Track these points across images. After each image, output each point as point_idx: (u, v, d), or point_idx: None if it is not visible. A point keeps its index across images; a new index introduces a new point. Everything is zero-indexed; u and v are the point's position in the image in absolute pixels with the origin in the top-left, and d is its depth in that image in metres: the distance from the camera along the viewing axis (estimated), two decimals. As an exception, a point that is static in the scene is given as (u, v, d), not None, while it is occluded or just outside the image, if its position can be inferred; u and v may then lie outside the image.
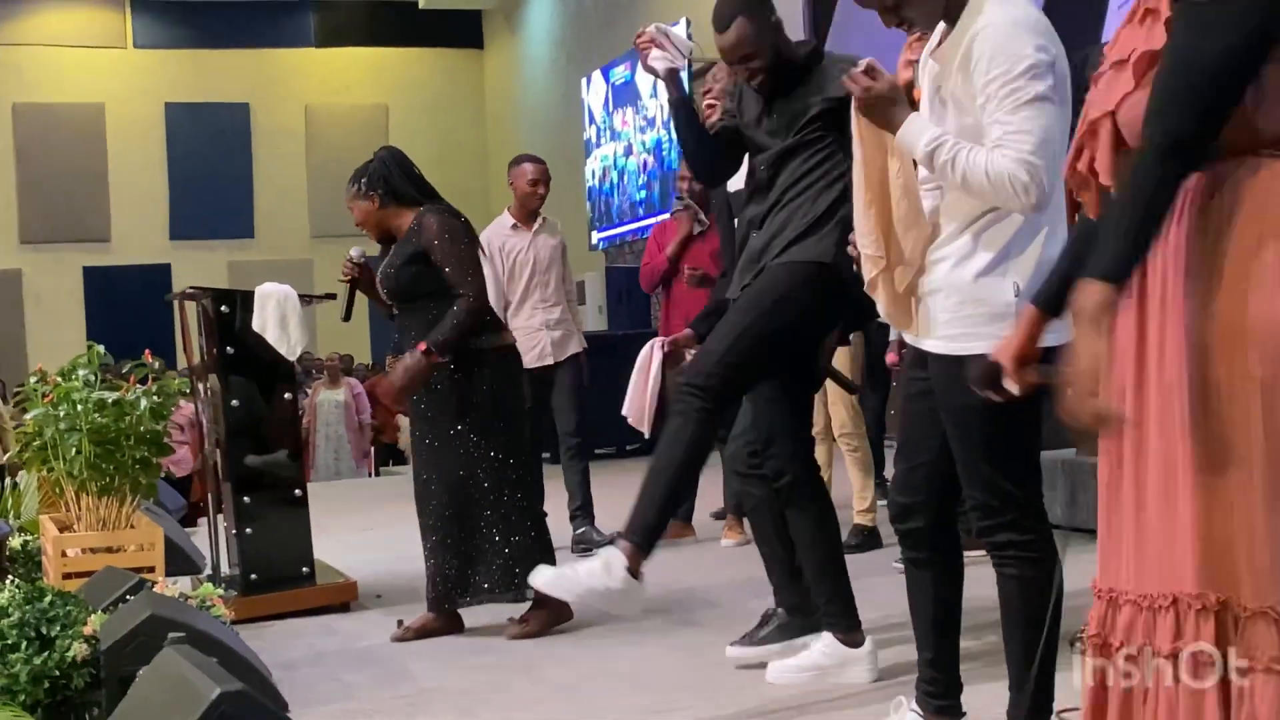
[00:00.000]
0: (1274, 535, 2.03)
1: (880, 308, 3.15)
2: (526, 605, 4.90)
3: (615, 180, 16.43)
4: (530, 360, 6.36)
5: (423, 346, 4.73)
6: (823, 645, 3.94)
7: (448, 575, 4.84)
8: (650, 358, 4.98)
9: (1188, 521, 2.09)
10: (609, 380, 10.90)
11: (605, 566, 3.48)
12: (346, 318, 5.17)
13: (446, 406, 4.83)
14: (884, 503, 5.04)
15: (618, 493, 8.51)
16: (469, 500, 4.83)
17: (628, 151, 16.07)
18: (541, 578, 3.57)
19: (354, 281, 5.12)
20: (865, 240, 3.09)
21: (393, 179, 4.97)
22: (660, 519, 3.67)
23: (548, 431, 7.08)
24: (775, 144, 3.86)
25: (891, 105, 2.93)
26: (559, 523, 5.83)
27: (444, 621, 4.91)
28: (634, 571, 3.52)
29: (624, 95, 16.07)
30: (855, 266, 3.26)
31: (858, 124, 3.03)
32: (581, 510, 6.85)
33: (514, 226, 6.93)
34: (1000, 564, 2.99)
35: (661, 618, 5.12)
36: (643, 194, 15.77)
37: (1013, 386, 2.41)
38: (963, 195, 2.91)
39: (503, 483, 4.84)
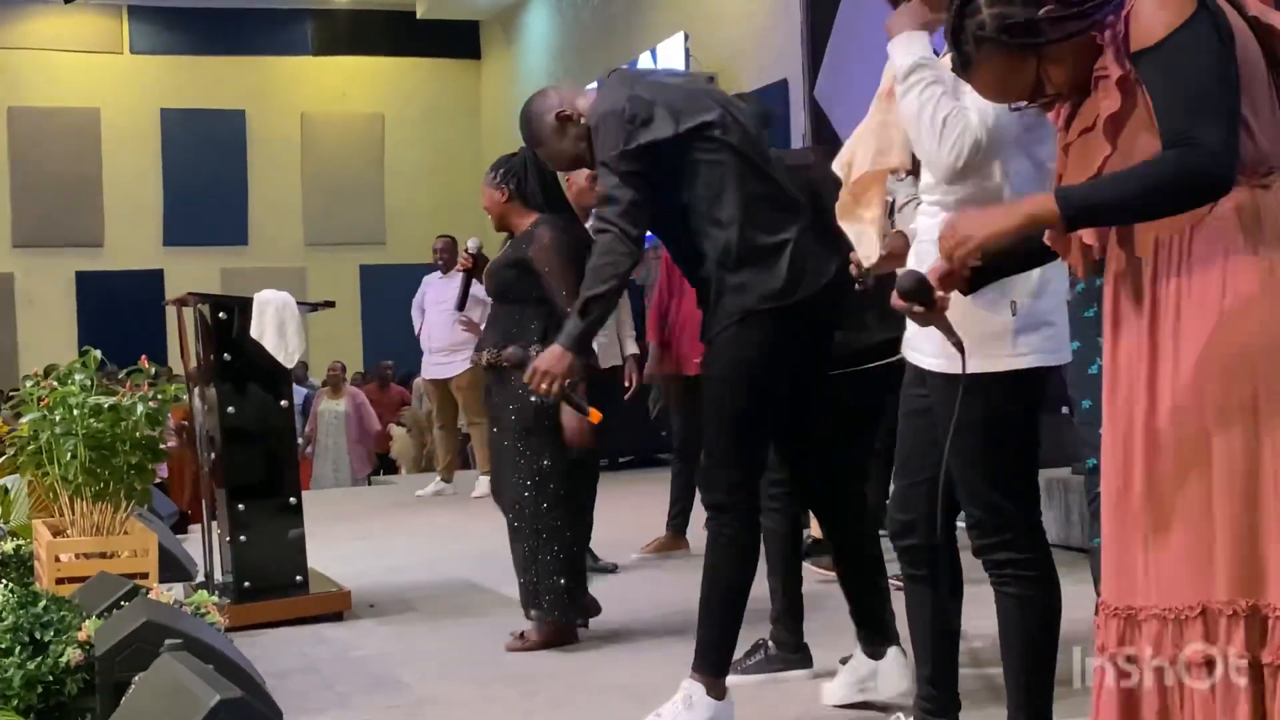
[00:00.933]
0: None
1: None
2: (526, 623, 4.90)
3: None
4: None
5: (597, 416, 4.71)
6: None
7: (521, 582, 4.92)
8: None
9: (1214, 533, 2.17)
10: (604, 395, 10.88)
11: (686, 700, 3.61)
12: (460, 306, 5.42)
13: (504, 412, 4.87)
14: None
15: (609, 507, 8.51)
16: (512, 509, 4.88)
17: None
18: None
19: (469, 271, 5.31)
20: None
21: (526, 180, 5.04)
22: (724, 638, 3.74)
23: None
24: None
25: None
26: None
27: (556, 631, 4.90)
28: (718, 695, 3.63)
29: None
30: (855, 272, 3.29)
31: None
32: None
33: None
34: (999, 583, 2.98)
35: (655, 631, 5.11)
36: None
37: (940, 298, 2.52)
38: None
39: (536, 499, 4.83)
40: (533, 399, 4.70)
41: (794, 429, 3.79)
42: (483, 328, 5.21)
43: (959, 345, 2.62)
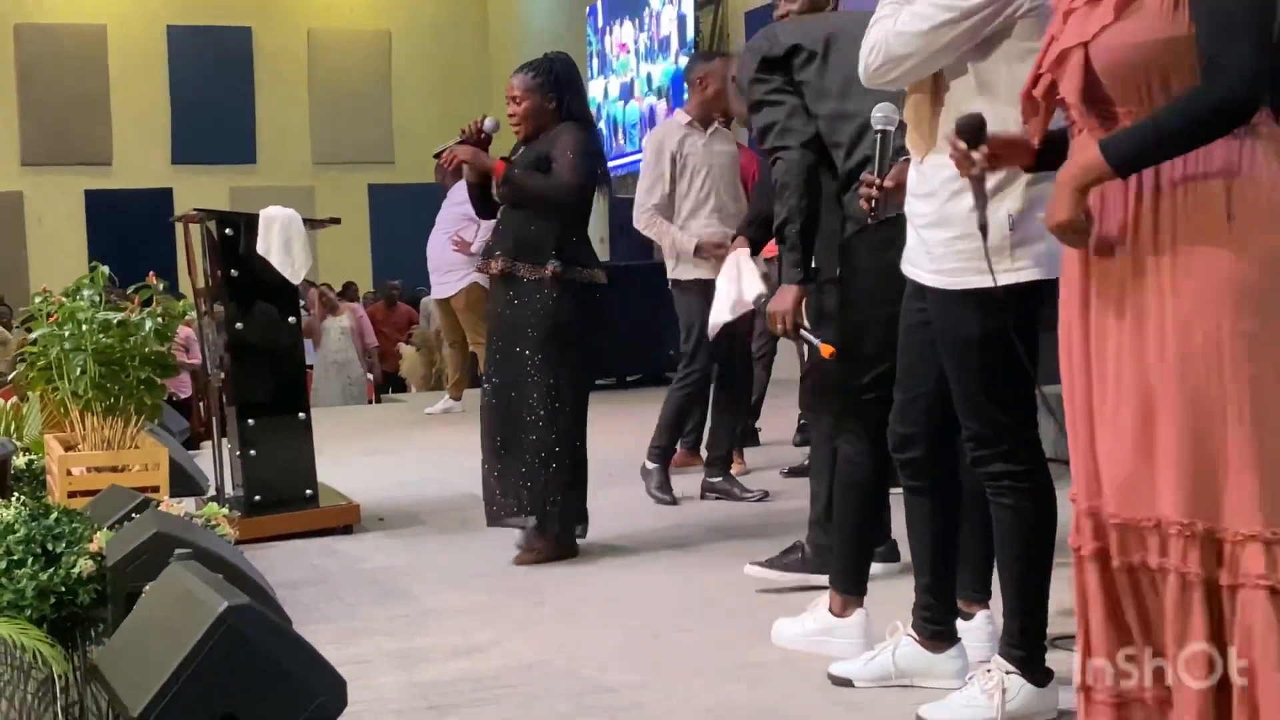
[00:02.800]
0: (1261, 467, 2.21)
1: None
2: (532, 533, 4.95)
3: (619, 110, 16.34)
4: (705, 273, 5.96)
5: (502, 166, 4.83)
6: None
7: (493, 493, 4.92)
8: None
9: (1173, 455, 2.25)
10: (610, 311, 10.90)
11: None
12: (437, 155, 5.18)
13: (520, 325, 4.86)
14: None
15: (622, 423, 8.56)
16: (520, 420, 4.85)
17: (630, 82, 15.97)
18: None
19: (469, 140, 5.02)
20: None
21: (573, 95, 4.99)
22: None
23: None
24: None
25: None
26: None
27: (561, 547, 4.94)
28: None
29: (626, 22, 15.95)
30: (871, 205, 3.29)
31: None
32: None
33: (689, 124, 6.34)
34: (995, 494, 3.02)
35: (659, 545, 5.17)
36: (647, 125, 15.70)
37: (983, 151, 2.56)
38: None
39: (553, 414, 4.85)
40: (560, 316, 4.80)
41: None
42: (483, 239, 5.17)
43: (982, 208, 2.66)
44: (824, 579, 4.07)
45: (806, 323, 3.75)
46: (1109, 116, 2.33)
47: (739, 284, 4.62)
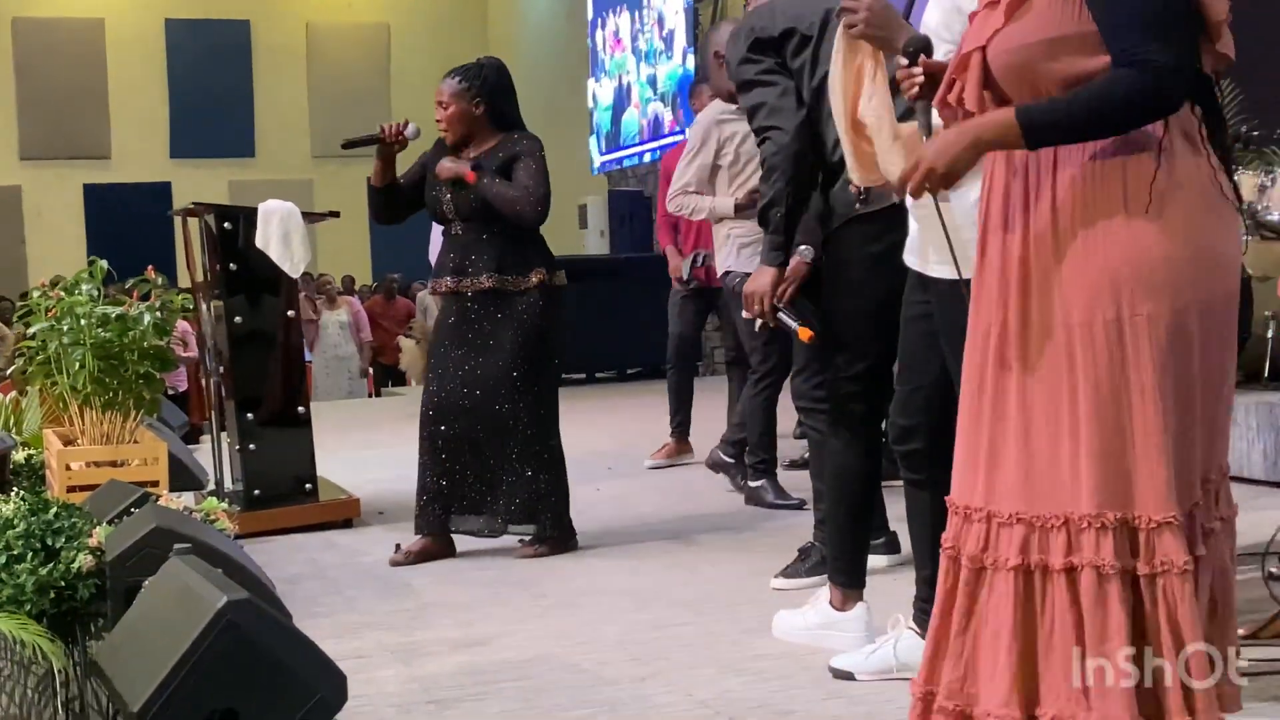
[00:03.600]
0: (1171, 454, 2.21)
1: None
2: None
3: (619, 103, 16.32)
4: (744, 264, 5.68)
5: (473, 175, 4.79)
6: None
7: (454, 499, 4.86)
8: None
9: (1083, 448, 2.24)
10: (610, 304, 10.93)
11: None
12: (346, 145, 5.09)
13: (502, 337, 4.82)
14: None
15: (622, 416, 8.55)
16: (502, 431, 4.82)
17: (627, 86, 15.94)
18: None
19: (383, 142, 4.95)
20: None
21: (504, 101, 4.96)
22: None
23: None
24: None
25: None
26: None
27: (441, 544, 4.93)
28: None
29: (623, 11, 15.92)
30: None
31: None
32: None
33: (727, 110, 5.89)
34: None
35: (660, 538, 5.16)
36: (647, 118, 15.68)
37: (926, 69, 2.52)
38: None
39: (536, 419, 4.84)
40: (540, 321, 4.77)
41: None
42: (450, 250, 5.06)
43: (926, 128, 2.60)
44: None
45: (786, 306, 3.71)
46: None
47: None
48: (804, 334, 3.62)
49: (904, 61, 2.61)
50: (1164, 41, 2.16)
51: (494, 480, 4.86)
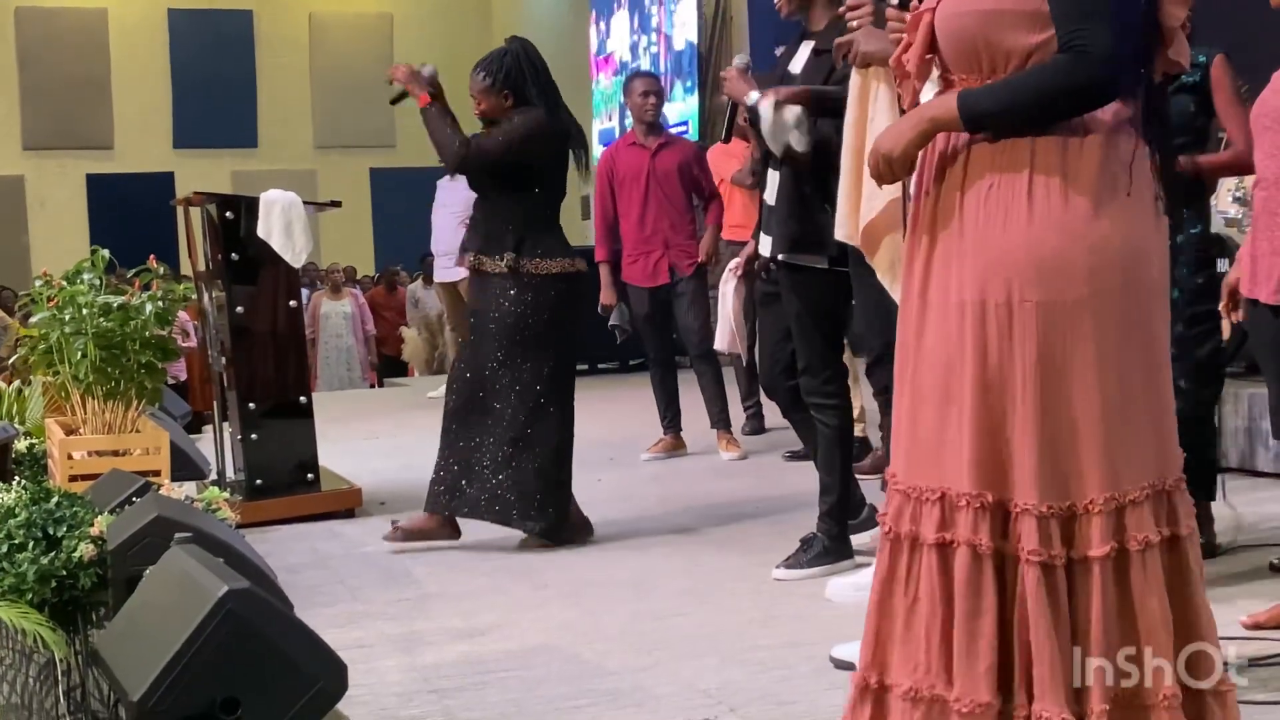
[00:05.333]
0: (1041, 442, 2.20)
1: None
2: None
3: (622, 97, 16.30)
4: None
5: (425, 100, 4.88)
6: None
7: (443, 478, 4.85)
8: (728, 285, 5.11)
9: (967, 428, 2.24)
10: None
11: None
12: (393, 102, 5.22)
13: (488, 319, 4.82)
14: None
15: (624, 407, 8.55)
16: (487, 413, 4.81)
17: (629, 69, 15.92)
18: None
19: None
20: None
21: (529, 85, 4.92)
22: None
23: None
24: None
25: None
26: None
27: (438, 524, 4.92)
28: None
29: (626, 18, 15.90)
30: None
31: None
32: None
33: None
34: None
35: (662, 529, 5.17)
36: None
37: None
38: None
39: (526, 409, 4.82)
40: (518, 309, 4.77)
41: None
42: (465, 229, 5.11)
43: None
44: (847, 564, 4.14)
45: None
46: (948, 83, 2.35)
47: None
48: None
49: (894, 1, 2.60)
50: (1104, 29, 2.16)
51: (476, 470, 4.83)
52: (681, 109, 14.06)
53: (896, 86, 2.53)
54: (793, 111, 3.96)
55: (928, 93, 2.43)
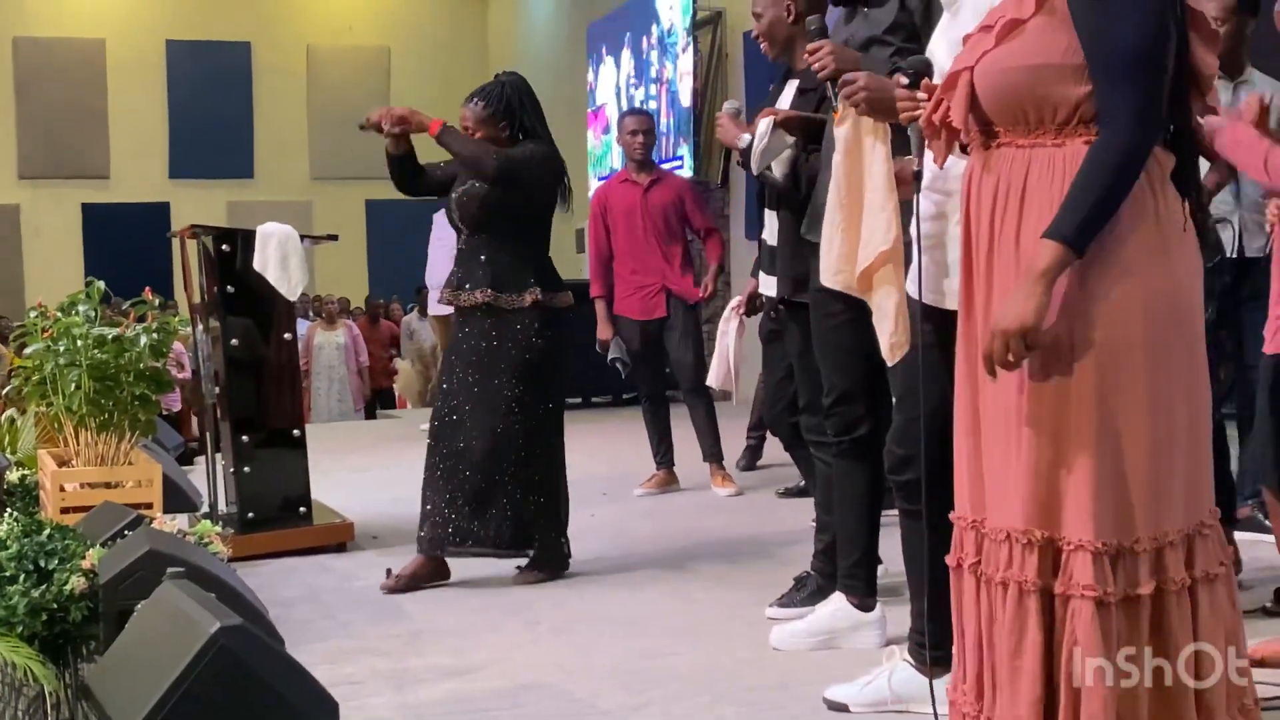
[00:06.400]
0: (1097, 480, 2.25)
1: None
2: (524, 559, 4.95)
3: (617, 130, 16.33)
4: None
5: (439, 122, 4.80)
6: (834, 608, 3.90)
7: (450, 519, 4.82)
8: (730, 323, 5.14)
9: (1021, 466, 2.31)
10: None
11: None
12: (363, 126, 5.10)
13: (500, 356, 4.80)
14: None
15: (617, 440, 8.54)
16: (499, 452, 4.79)
17: (625, 103, 15.96)
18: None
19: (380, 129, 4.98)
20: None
21: (528, 118, 4.93)
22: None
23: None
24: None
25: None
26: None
27: (434, 568, 4.90)
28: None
29: (621, 56, 15.96)
30: None
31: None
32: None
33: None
34: None
35: (655, 565, 5.15)
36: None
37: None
38: None
39: (535, 444, 4.83)
40: (536, 341, 4.76)
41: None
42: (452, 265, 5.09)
43: (920, 154, 2.70)
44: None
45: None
46: (991, 135, 2.39)
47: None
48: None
49: (904, 81, 2.63)
50: (1129, 98, 2.21)
51: (486, 504, 4.81)
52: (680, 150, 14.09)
53: (929, 143, 2.55)
54: (786, 140, 3.99)
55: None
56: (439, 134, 4.83)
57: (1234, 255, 4.65)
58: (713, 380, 5.81)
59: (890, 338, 3.18)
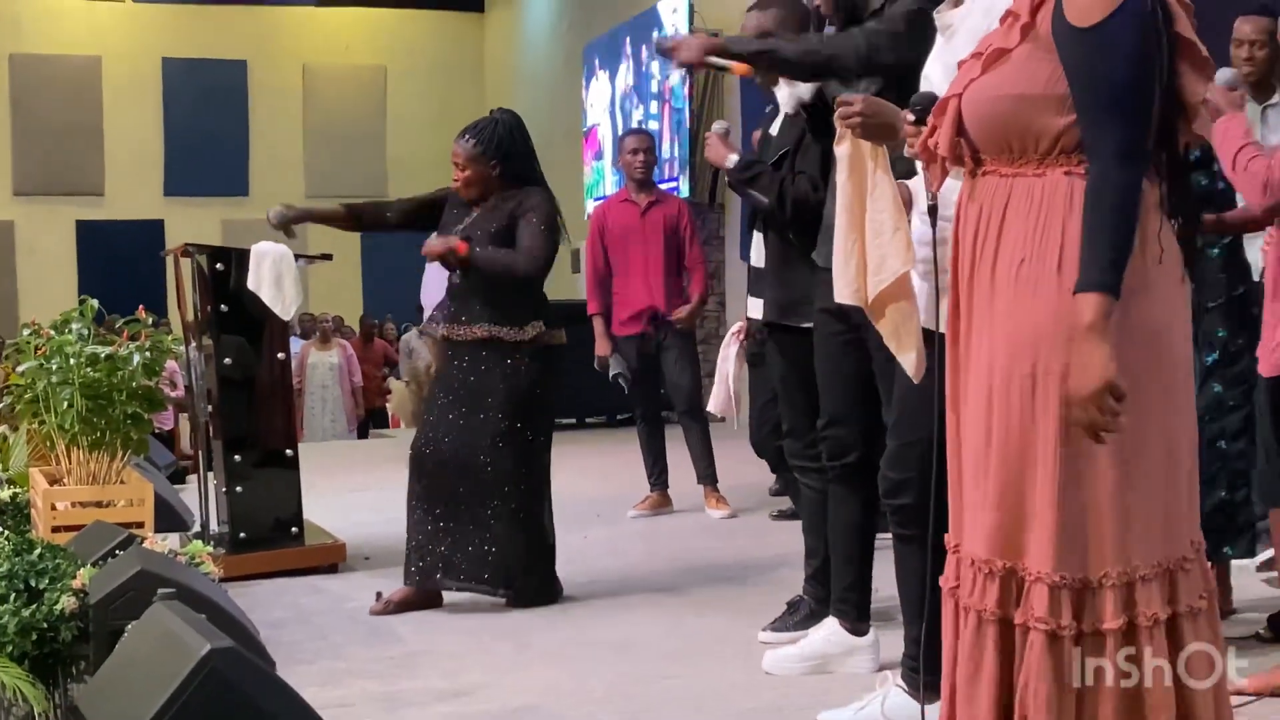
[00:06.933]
0: (1061, 512, 2.24)
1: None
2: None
3: (613, 150, 16.37)
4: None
5: (464, 246, 4.74)
6: (826, 633, 3.88)
7: (435, 552, 4.79)
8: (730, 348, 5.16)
9: (988, 495, 2.32)
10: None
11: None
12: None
13: (491, 390, 4.77)
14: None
15: (611, 462, 8.53)
16: (482, 486, 4.76)
17: (622, 122, 15.99)
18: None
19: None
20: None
21: (519, 158, 4.93)
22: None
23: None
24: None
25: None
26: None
27: (425, 597, 4.86)
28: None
29: (621, 75, 16.00)
30: None
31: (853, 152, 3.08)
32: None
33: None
34: None
35: (648, 588, 5.14)
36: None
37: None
38: None
39: (519, 478, 4.80)
40: (527, 375, 4.77)
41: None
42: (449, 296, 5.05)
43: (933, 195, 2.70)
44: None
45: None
46: (978, 163, 2.40)
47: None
48: (739, 69, 3.80)
49: (910, 118, 2.64)
50: (1111, 132, 2.20)
51: (468, 539, 4.77)
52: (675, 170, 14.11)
53: (925, 167, 2.57)
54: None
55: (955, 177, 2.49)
56: (470, 257, 4.75)
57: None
58: (713, 406, 5.81)
59: (913, 356, 3.16)
